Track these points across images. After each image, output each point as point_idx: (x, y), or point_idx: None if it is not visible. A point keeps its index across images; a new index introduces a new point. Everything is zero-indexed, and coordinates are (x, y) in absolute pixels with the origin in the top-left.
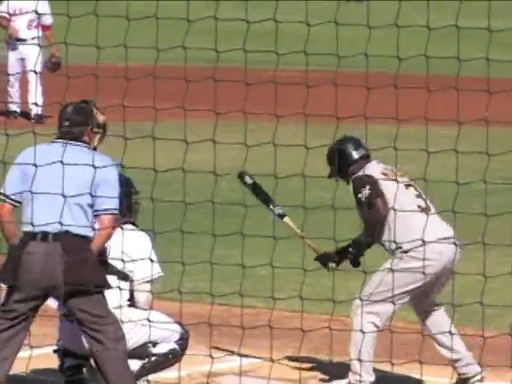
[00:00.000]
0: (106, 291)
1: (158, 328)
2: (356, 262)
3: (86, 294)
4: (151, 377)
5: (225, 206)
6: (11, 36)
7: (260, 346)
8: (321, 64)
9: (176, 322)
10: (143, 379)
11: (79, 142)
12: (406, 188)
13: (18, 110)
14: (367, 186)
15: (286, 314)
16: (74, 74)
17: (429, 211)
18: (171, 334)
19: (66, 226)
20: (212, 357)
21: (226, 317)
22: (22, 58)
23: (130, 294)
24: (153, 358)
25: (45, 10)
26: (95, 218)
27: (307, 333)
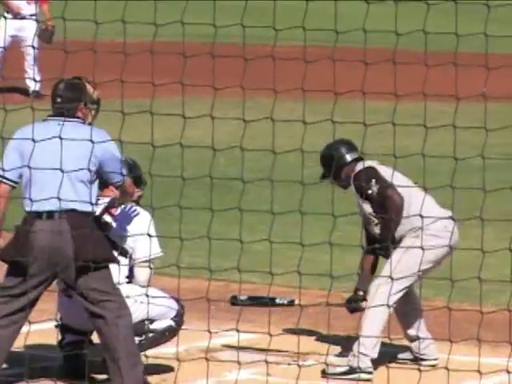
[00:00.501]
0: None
1: (155, 305)
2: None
3: (94, 270)
4: (150, 352)
5: (223, 182)
6: (9, 11)
7: (258, 321)
8: (319, 40)
9: (172, 297)
10: (141, 354)
11: (73, 118)
12: (402, 175)
13: None
14: (373, 180)
15: (283, 289)
16: (71, 49)
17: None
18: (168, 311)
19: (71, 202)
20: (210, 332)
21: (223, 292)
22: (16, 34)
23: (128, 271)
24: (150, 335)
25: None
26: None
27: (305, 308)
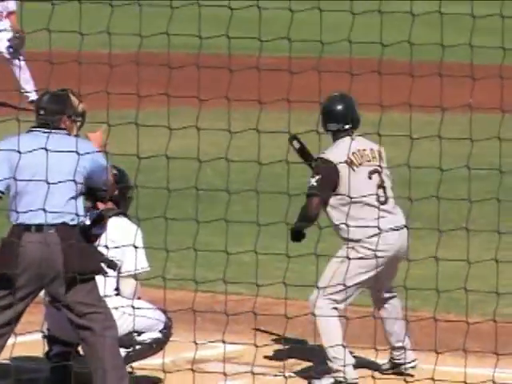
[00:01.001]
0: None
1: (143, 317)
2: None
3: (80, 283)
4: (136, 364)
5: (209, 193)
6: None
7: (244, 332)
8: (304, 50)
9: (160, 309)
10: (128, 366)
11: (58, 129)
12: (369, 177)
13: None
14: (318, 176)
15: (269, 300)
16: (56, 60)
17: (386, 203)
18: (156, 323)
19: (60, 215)
20: (196, 343)
21: (210, 303)
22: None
23: (117, 283)
24: (137, 347)
25: None
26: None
27: (291, 319)
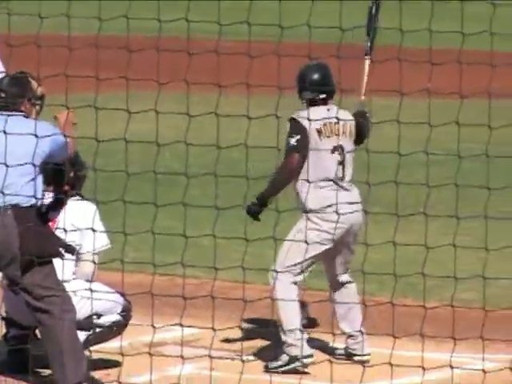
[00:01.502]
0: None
1: (102, 300)
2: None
3: (38, 265)
4: (94, 347)
5: (168, 176)
6: None
7: (202, 316)
8: (264, 34)
9: (118, 292)
10: (86, 349)
11: (17, 112)
12: (332, 151)
13: None
14: (298, 136)
15: (228, 284)
16: (15, 43)
17: (342, 180)
18: (115, 306)
19: (16, 197)
20: (154, 327)
21: (168, 287)
22: None
23: (75, 267)
24: (97, 330)
25: None
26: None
27: (250, 303)
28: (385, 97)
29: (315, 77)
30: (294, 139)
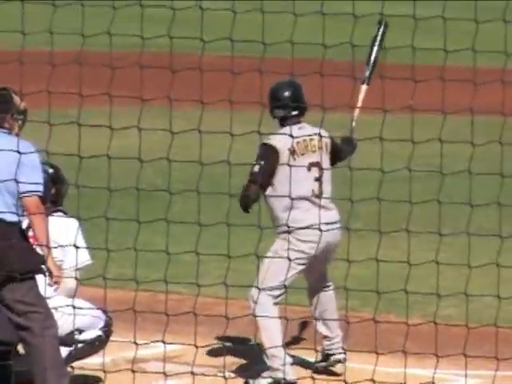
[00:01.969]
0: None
1: (83, 315)
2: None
3: (18, 281)
4: (76, 363)
5: (150, 192)
6: None
7: (184, 332)
8: (247, 50)
9: (100, 308)
10: (68, 366)
11: (0, 128)
12: (308, 169)
13: None
14: (261, 163)
15: (210, 300)
16: None
17: (320, 197)
18: (96, 321)
19: None
20: (136, 343)
21: (150, 303)
22: None
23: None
24: (79, 345)
25: None
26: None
27: (231, 319)
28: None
29: (286, 94)
30: (257, 166)
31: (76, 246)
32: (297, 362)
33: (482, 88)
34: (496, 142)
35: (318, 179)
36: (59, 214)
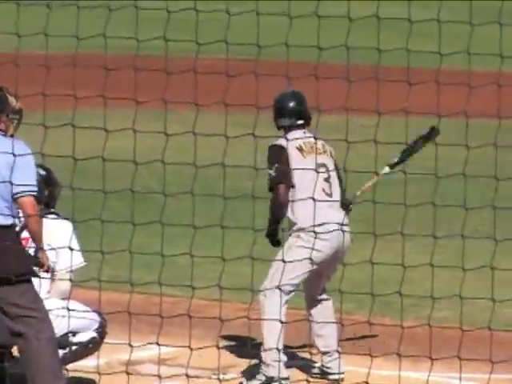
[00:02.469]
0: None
1: (77, 317)
2: (273, 241)
3: (12, 284)
4: (70, 366)
5: (144, 195)
6: None
7: (179, 334)
8: (241, 53)
9: (94, 310)
10: (63, 368)
11: None
12: (317, 169)
13: None
14: (275, 165)
15: (204, 302)
16: None
17: (331, 197)
18: (90, 323)
19: None
20: (131, 345)
21: (145, 305)
22: None
23: (50, 286)
24: (73, 348)
25: None
26: (15, 202)
27: (225, 321)
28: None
29: (292, 104)
30: (273, 169)
31: (70, 248)
32: (292, 364)
33: (477, 91)
34: (491, 145)
35: (327, 180)
36: (52, 216)
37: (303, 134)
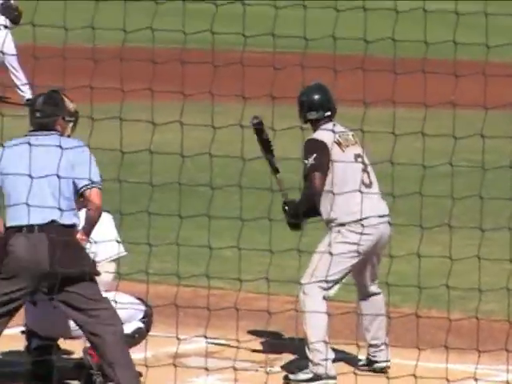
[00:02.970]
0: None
1: (122, 308)
2: (292, 224)
3: (77, 282)
4: None
5: (191, 187)
6: None
7: (226, 327)
8: (288, 46)
9: (139, 298)
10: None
11: (52, 131)
12: (355, 160)
13: None
14: (314, 155)
15: (252, 295)
16: (41, 55)
17: (370, 187)
18: (135, 313)
19: (51, 215)
20: (178, 338)
21: (192, 298)
22: None
23: None
24: None
25: None
26: (81, 196)
27: (273, 314)
28: (409, 108)
29: (318, 97)
30: (311, 159)
31: (110, 240)
32: (339, 357)
33: None
34: None
35: (365, 170)
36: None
37: (333, 126)
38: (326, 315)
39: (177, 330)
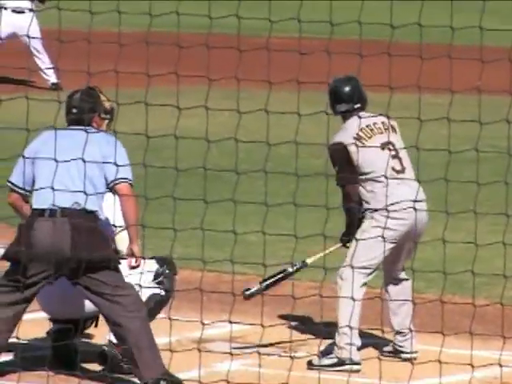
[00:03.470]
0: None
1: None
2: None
3: (100, 269)
4: None
5: (216, 173)
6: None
7: (250, 312)
8: (314, 31)
9: (159, 259)
10: None
11: (88, 127)
12: (382, 149)
13: None
14: (336, 166)
15: None
16: (66, 38)
17: (403, 172)
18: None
19: (74, 200)
20: (202, 323)
21: (216, 283)
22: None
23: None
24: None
25: None
26: (112, 190)
27: (298, 299)
28: (434, 94)
29: (348, 89)
30: (335, 170)
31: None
32: (364, 342)
33: None
34: None
35: (396, 156)
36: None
37: (358, 118)
38: (360, 303)
39: (201, 314)
